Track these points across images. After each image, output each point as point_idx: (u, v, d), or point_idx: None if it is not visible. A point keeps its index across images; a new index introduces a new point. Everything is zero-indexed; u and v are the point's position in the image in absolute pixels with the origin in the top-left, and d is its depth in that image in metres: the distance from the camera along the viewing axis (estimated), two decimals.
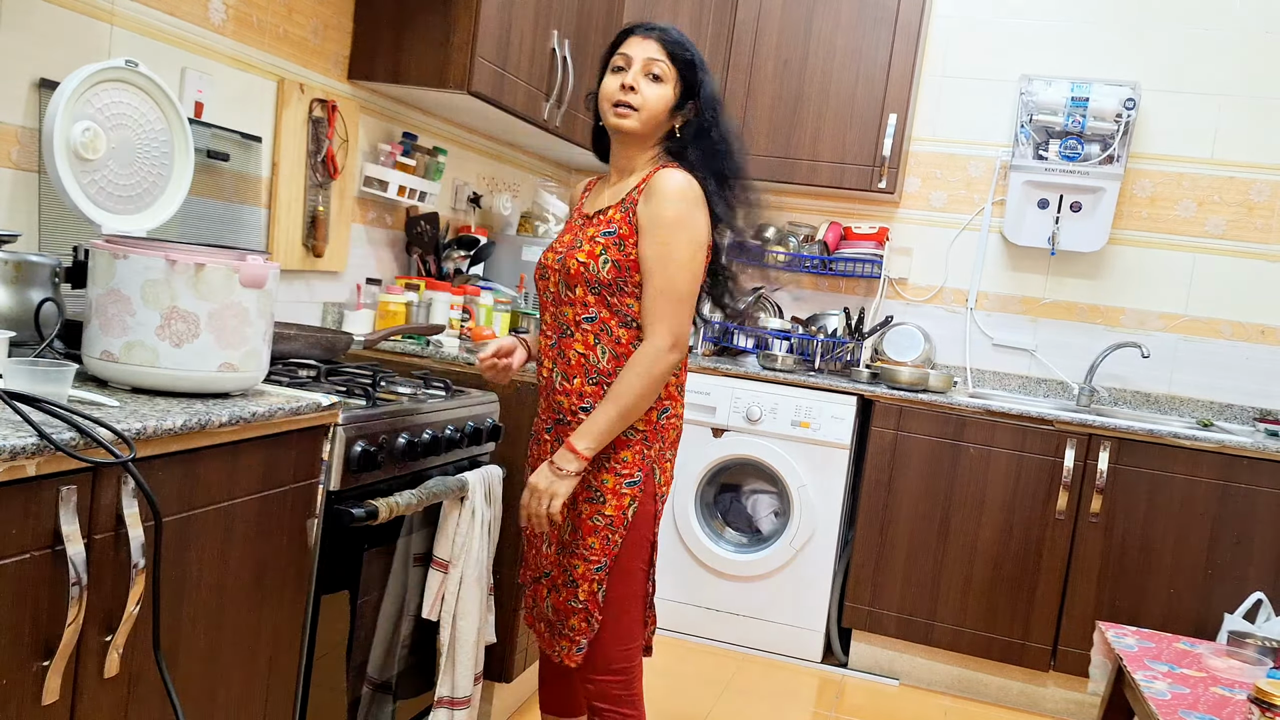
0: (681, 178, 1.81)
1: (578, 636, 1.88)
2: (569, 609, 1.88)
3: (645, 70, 1.82)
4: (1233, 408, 3.61)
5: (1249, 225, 3.60)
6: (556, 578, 1.91)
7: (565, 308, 1.86)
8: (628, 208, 1.83)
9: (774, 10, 3.71)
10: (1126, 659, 2.22)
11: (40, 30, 1.85)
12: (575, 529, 1.87)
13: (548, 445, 1.92)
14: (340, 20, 2.68)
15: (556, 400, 1.89)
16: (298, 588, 1.73)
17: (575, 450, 1.80)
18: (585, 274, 1.82)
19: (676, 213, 1.80)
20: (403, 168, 2.91)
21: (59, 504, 1.19)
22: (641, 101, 1.82)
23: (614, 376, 1.83)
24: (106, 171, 1.76)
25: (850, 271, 3.87)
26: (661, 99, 1.83)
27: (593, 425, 1.80)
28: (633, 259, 1.81)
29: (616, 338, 1.84)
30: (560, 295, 1.87)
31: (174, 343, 1.45)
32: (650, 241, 1.80)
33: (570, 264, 1.83)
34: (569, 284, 1.84)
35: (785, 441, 3.42)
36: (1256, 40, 3.57)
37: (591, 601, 1.86)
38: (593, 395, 1.85)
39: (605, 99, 1.85)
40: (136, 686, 1.38)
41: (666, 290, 1.80)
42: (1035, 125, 3.62)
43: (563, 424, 1.89)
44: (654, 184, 1.81)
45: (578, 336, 1.85)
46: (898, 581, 3.36)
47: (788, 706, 3.07)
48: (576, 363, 1.86)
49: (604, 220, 1.85)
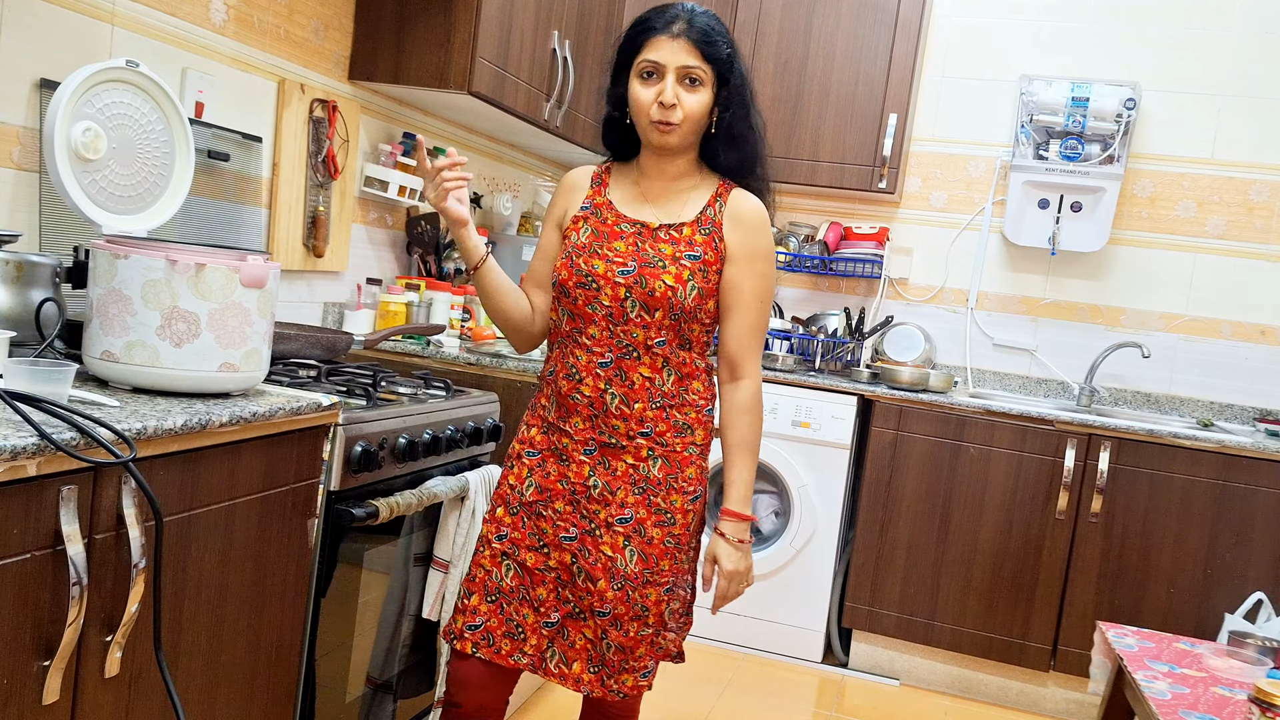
0: (760, 204, 1.78)
1: (645, 662, 1.75)
2: (637, 640, 1.73)
3: (680, 77, 1.68)
4: (1233, 408, 3.61)
5: (1249, 225, 3.60)
6: (623, 614, 1.72)
7: (635, 328, 1.71)
8: (709, 230, 1.73)
9: (774, 10, 3.71)
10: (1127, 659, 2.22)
11: (41, 30, 1.85)
12: (645, 556, 1.72)
13: (584, 467, 1.74)
14: (341, 20, 2.68)
15: (610, 423, 1.73)
16: (298, 588, 1.73)
17: (743, 516, 1.74)
18: (671, 299, 1.69)
19: (770, 246, 1.77)
20: (403, 168, 2.92)
21: (60, 504, 1.20)
22: (683, 116, 1.69)
23: (676, 398, 1.74)
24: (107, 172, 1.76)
25: (850, 271, 3.87)
26: (702, 105, 1.70)
27: (744, 486, 1.74)
28: (713, 285, 1.73)
29: (681, 360, 1.74)
30: (625, 313, 1.71)
31: (174, 343, 1.45)
32: (748, 274, 1.74)
33: (653, 285, 1.69)
34: (648, 306, 1.70)
35: (785, 441, 3.42)
36: (1256, 40, 3.57)
37: (659, 623, 1.75)
38: (654, 419, 1.73)
39: (640, 112, 1.71)
40: (137, 686, 1.38)
41: (761, 326, 1.76)
42: (1035, 125, 3.62)
43: (612, 448, 1.73)
44: (743, 210, 1.75)
45: (645, 360, 1.72)
46: (898, 581, 3.36)
47: (788, 706, 3.08)
48: (641, 386, 1.72)
49: (680, 240, 1.73)
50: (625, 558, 1.71)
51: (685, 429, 1.75)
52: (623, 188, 1.81)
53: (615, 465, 1.73)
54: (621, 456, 1.73)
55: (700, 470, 1.78)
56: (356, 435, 1.80)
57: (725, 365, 1.78)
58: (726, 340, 1.76)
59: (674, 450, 1.74)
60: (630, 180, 1.82)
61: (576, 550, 1.73)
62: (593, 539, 1.72)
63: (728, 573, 1.74)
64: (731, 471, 1.76)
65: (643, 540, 1.72)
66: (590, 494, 1.73)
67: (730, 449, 1.76)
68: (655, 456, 1.73)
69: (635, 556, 1.71)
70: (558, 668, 1.75)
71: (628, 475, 1.73)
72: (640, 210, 1.78)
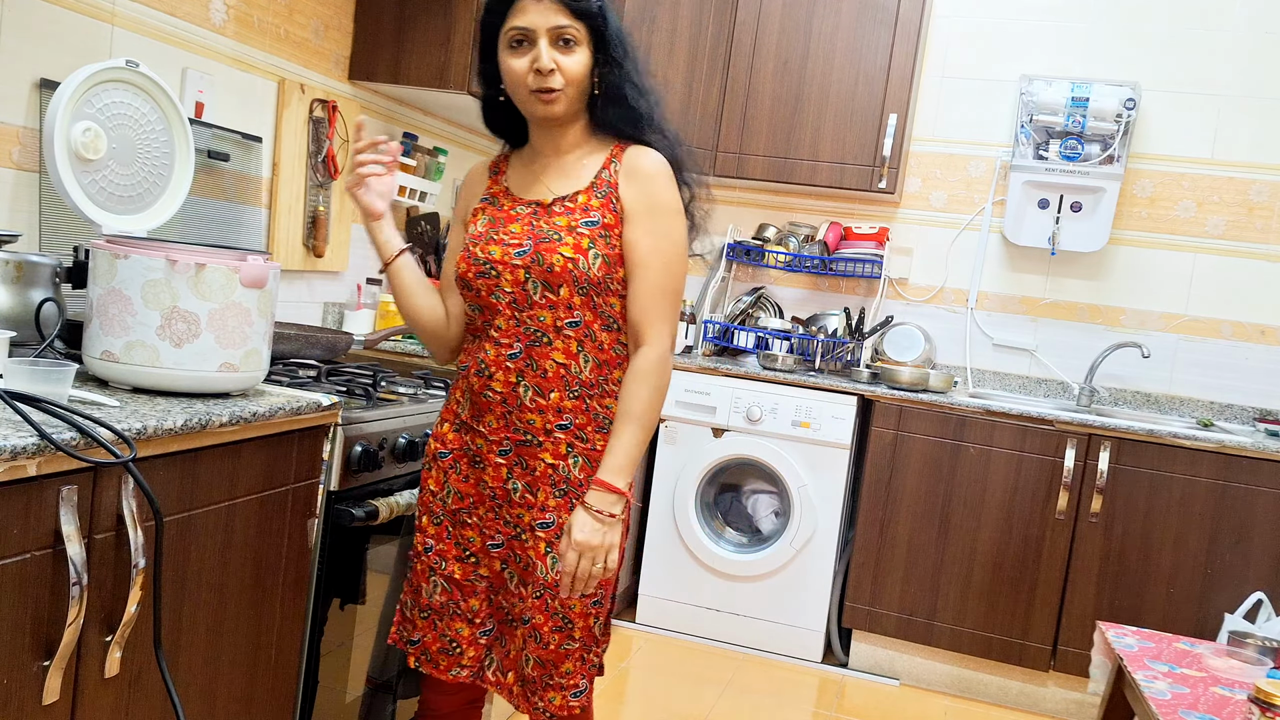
0: (658, 156, 1.63)
1: (574, 679, 1.65)
2: (561, 654, 1.63)
3: (554, 39, 1.57)
4: (1233, 408, 3.61)
5: (1249, 225, 3.60)
6: (541, 624, 1.62)
7: (541, 311, 1.61)
8: (605, 193, 1.62)
9: (774, 10, 3.71)
10: (1126, 659, 2.22)
11: (41, 30, 1.85)
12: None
13: (502, 470, 1.65)
14: (341, 20, 2.68)
15: (525, 419, 1.62)
16: (298, 588, 1.73)
17: (614, 488, 1.57)
18: (574, 271, 1.58)
19: (673, 196, 1.63)
20: (403, 168, 2.92)
21: (59, 504, 1.20)
22: (564, 81, 1.58)
23: (596, 387, 1.63)
24: (107, 172, 1.76)
25: (850, 271, 3.87)
26: (582, 66, 1.59)
27: (623, 455, 1.58)
28: (618, 252, 1.61)
29: (600, 343, 1.63)
30: (529, 297, 1.61)
31: (175, 343, 1.45)
32: (646, 230, 1.60)
33: (551, 260, 1.58)
34: (549, 284, 1.59)
35: (785, 441, 3.42)
36: (1256, 40, 3.57)
37: (588, 637, 1.65)
38: (573, 410, 1.62)
39: (517, 85, 1.60)
40: (137, 686, 1.38)
41: (667, 285, 1.61)
42: (1035, 125, 3.62)
43: (529, 445, 1.63)
44: (638, 164, 1.62)
45: (558, 344, 1.61)
46: (898, 581, 3.36)
47: (788, 706, 3.08)
48: (555, 374, 1.61)
49: (575, 208, 1.62)
50: (546, 565, 1.62)
51: (607, 424, 1.65)
52: (518, 171, 1.72)
53: (533, 465, 1.63)
54: (539, 455, 1.63)
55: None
56: (356, 435, 1.80)
57: (630, 334, 1.64)
58: (629, 306, 1.63)
59: (595, 449, 1.64)
60: (525, 162, 1.72)
61: (506, 556, 1.67)
62: (519, 543, 1.65)
63: (577, 543, 1.56)
64: (612, 439, 1.60)
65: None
66: (511, 498, 1.65)
67: (617, 416, 1.61)
68: (575, 455, 1.63)
69: (557, 564, 1.61)
70: (495, 675, 1.70)
71: (547, 475, 1.63)
72: (534, 189, 1.68)
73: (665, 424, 3.53)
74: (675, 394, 3.50)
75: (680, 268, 1.64)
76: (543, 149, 1.69)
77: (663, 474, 3.55)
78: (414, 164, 2.97)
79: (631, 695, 3.01)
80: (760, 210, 4.08)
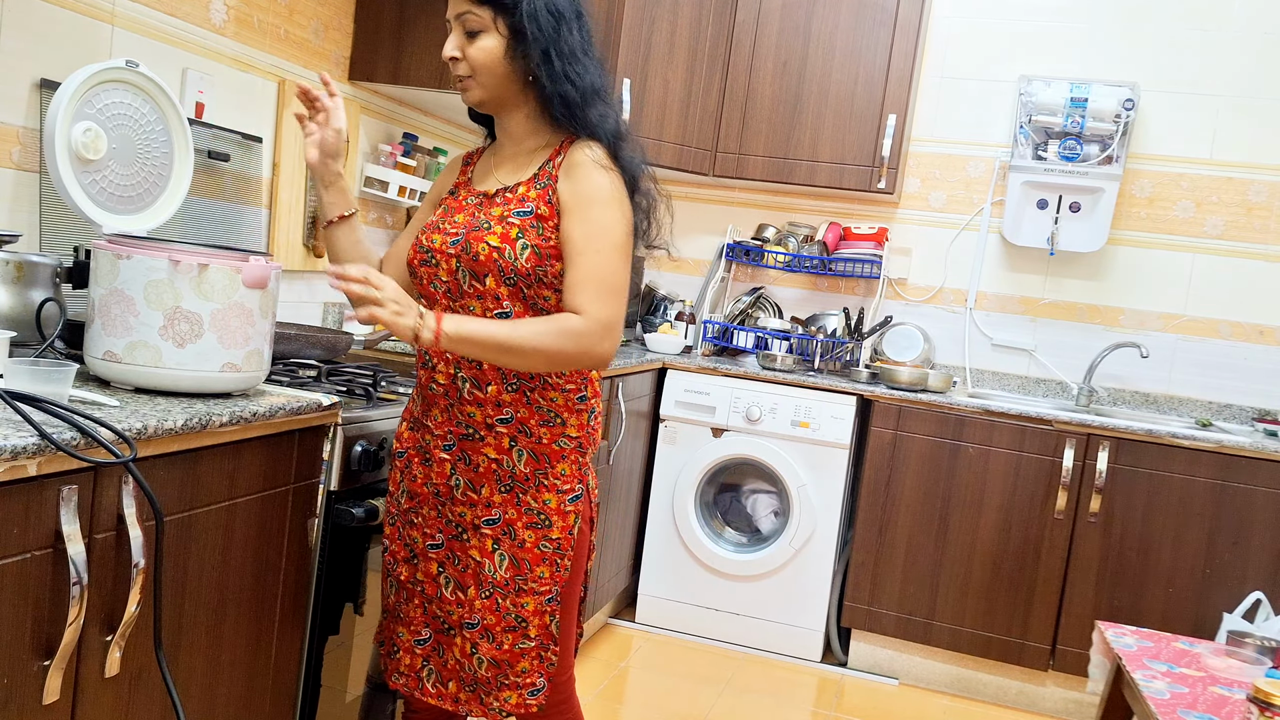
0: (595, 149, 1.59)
1: (530, 678, 1.62)
2: (516, 654, 1.61)
3: (461, 30, 1.56)
4: (1232, 408, 3.62)
5: (1248, 226, 3.60)
6: (493, 624, 1.60)
7: (471, 301, 1.58)
8: (544, 185, 1.58)
9: (774, 10, 3.71)
10: (1125, 658, 2.23)
11: (41, 31, 1.85)
12: (517, 562, 1.60)
13: (446, 465, 1.62)
14: (341, 21, 2.68)
15: (465, 411, 1.60)
16: (298, 587, 1.73)
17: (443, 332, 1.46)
18: (499, 261, 1.54)
19: (606, 188, 1.56)
20: (403, 168, 2.92)
21: (60, 504, 1.20)
22: (470, 69, 1.57)
23: (536, 379, 1.59)
24: (107, 172, 1.76)
25: (850, 271, 3.88)
26: (489, 54, 1.55)
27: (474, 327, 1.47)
28: (553, 245, 1.56)
29: None
30: (460, 286, 1.58)
31: (177, 343, 1.45)
32: (579, 220, 1.55)
33: (477, 249, 1.55)
34: (476, 273, 1.56)
35: (785, 441, 3.42)
36: (1256, 41, 3.57)
37: (545, 636, 1.62)
38: (513, 403, 1.59)
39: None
40: (137, 686, 1.39)
41: (600, 273, 1.53)
42: (1034, 125, 3.62)
43: (471, 440, 1.61)
44: (574, 158, 1.58)
45: None
46: (897, 581, 3.36)
47: (787, 706, 3.08)
48: (490, 366, 1.58)
49: (513, 198, 1.59)
50: (494, 563, 1.59)
51: (553, 417, 1.61)
52: (483, 163, 1.72)
53: (476, 460, 1.60)
54: (482, 450, 1.60)
55: (577, 466, 1.63)
56: (357, 435, 1.80)
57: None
58: (564, 296, 1.55)
59: (540, 442, 1.60)
60: (491, 153, 1.72)
61: (444, 558, 1.64)
62: (460, 544, 1.62)
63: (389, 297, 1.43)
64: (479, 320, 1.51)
65: (513, 544, 1.60)
66: (454, 494, 1.62)
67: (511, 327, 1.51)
68: (520, 449, 1.60)
69: (505, 561, 1.59)
70: (435, 687, 1.66)
71: (491, 471, 1.60)
72: (487, 181, 1.67)
73: (665, 424, 3.53)
74: (675, 394, 3.51)
75: (616, 256, 1.55)
76: (500, 138, 1.70)
77: (662, 474, 3.55)
78: (414, 164, 2.97)
79: (631, 695, 3.02)
80: (760, 210, 4.09)
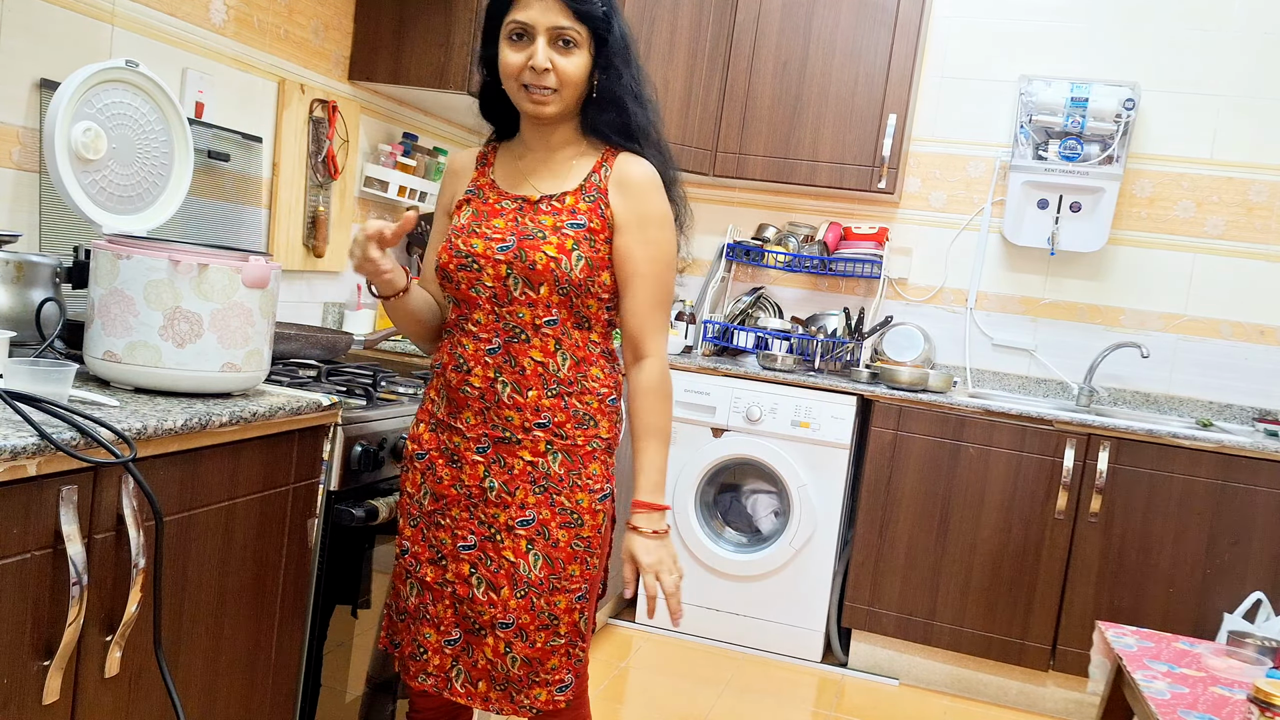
0: (648, 167, 1.63)
1: (559, 675, 1.64)
2: (547, 651, 1.62)
3: (552, 39, 1.55)
4: (1232, 408, 3.62)
5: (1248, 226, 3.60)
6: (528, 623, 1.61)
7: (520, 308, 1.60)
8: (594, 198, 1.61)
9: (774, 10, 3.71)
10: (1126, 658, 2.23)
11: (41, 31, 1.85)
12: (551, 561, 1.61)
13: (479, 467, 1.63)
14: (341, 21, 2.68)
15: (503, 415, 1.61)
16: (298, 587, 1.73)
17: (656, 506, 1.61)
18: (555, 271, 1.57)
19: (664, 210, 1.64)
20: (403, 168, 2.92)
21: (59, 504, 1.20)
22: (559, 81, 1.56)
23: (574, 384, 1.62)
24: (107, 172, 1.76)
25: (850, 271, 3.88)
26: (579, 69, 1.57)
27: (656, 473, 1.61)
28: (603, 256, 1.60)
29: (575, 341, 1.62)
30: (509, 292, 1.60)
31: (177, 343, 1.45)
32: (640, 241, 1.61)
33: (534, 257, 1.57)
34: (530, 281, 1.58)
35: (785, 441, 3.42)
36: (1256, 40, 3.57)
37: (573, 633, 1.64)
38: (551, 408, 1.60)
39: (509, 77, 1.59)
40: (137, 686, 1.39)
41: (662, 298, 1.63)
42: (1035, 125, 3.62)
43: (507, 443, 1.61)
44: (630, 173, 1.62)
45: (535, 342, 1.60)
46: (897, 581, 3.36)
47: (787, 706, 3.08)
48: (533, 371, 1.60)
49: (563, 209, 1.61)
50: (529, 563, 1.60)
51: (587, 420, 1.63)
52: (506, 165, 1.71)
53: (512, 463, 1.61)
54: (518, 452, 1.61)
55: (605, 467, 1.66)
56: (356, 435, 1.80)
57: (628, 345, 1.65)
58: (626, 318, 1.63)
59: (575, 444, 1.62)
60: (514, 156, 1.71)
61: (476, 559, 1.63)
62: (493, 545, 1.62)
63: (649, 565, 1.60)
64: (640, 458, 1.63)
65: (547, 543, 1.61)
66: (487, 496, 1.62)
67: (637, 435, 1.63)
68: (554, 451, 1.61)
69: (540, 561, 1.61)
70: (464, 687, 1.66)
71: (526, 473, 1.61)
72: (521, 185, 1.67)
73: None
74: (675, 394, 3.50)
75: (671, 277, 1.66)
76: (532, 144, 1.68)
77: None
78: (414, 164, 2.97)
79: (631, 695, 3.01)
80: (760, 210, 4.08)
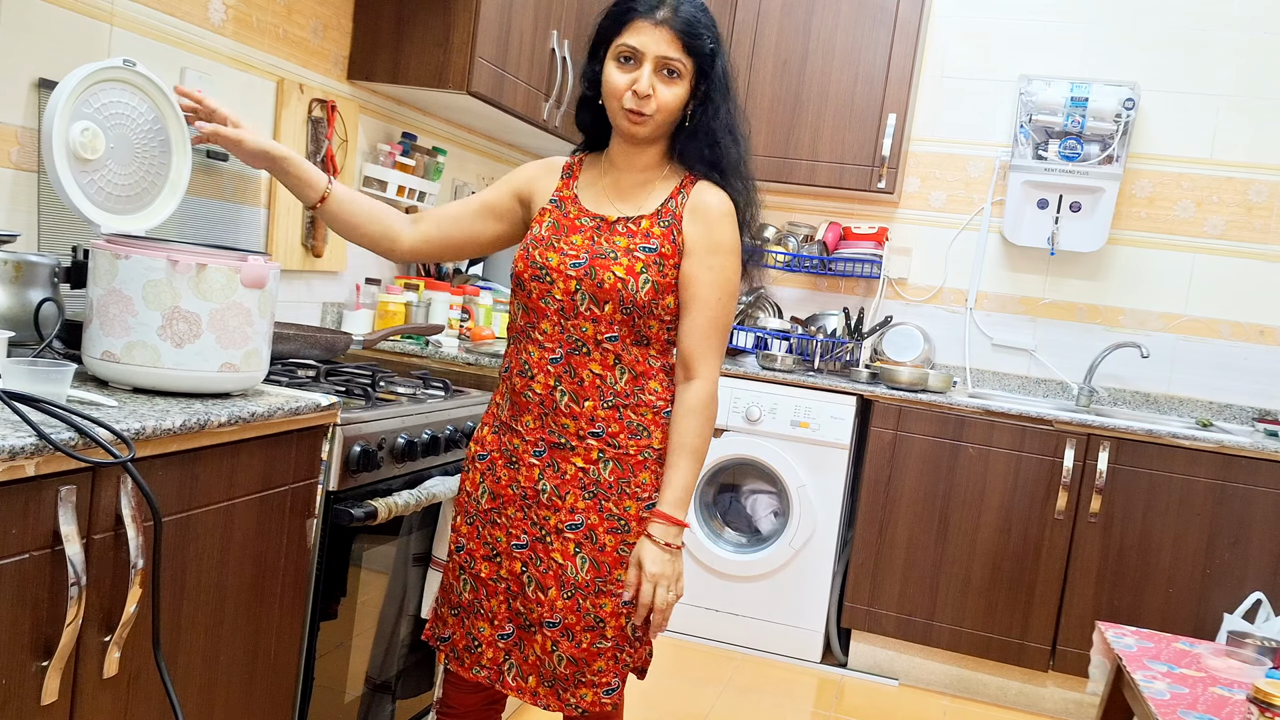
0: (724, 197, 1.69)
1: (606, 678, 1.67)
2: (593, 653, 1.66)
3: (658, 67, 1.61)
4: (1232, 408, 3.61)
5: (1248, 225, 3.60)
6: (574, 624, 1.65)
7: (584, 322, 1.65)
8: (668, 223, 1.66)
9: (774, 10, 3.71)
10: (1126, 659, 2.23)
11: (39, 30, 1.85)
12: (597, 565, 1.65)
13: (534, 470, 1.68)
14: (340, 20, 2.68)
15: (559, 422, 1.67)
16: (297, 588, 1.73)
17: (675, 520, 1.63)
18: (622, 292, 1.62)
19: (735, 239, 1.69)
20: (402, 168, 2.91)
21: (58, 504, 1.19)
22: (656, 107, 1.62)
23: (631, 398, 1.67)
24: (105, 171, 1.76)
25: (850, 271, 3.87)
26: (678, 99, 1.64)
27: (681, 488, 1.64)
28: (670, 281, 1.65)
29: (635, 356, 1.67)
30: (575, 307, 1.65)
31: (176, 343, 1.45)
32: (705, 267, 1.65)
33: (603, 276, 1.62)
34: (597, 299, 1.63)
35: (784, 441, 3.42)
36: (1256, 40, 3.57)
37: (621, 637, 1.67)
38: (605, 419, 1.66)
39: (611, 97, 1.64)
40: (136, 686, 1.38)
41: (720, 324, 1.67)
42: (1035, 125, 3.62)
43: (562, 449, 1.67)
44: (705, 201, 1.67)
45: (595, 356, 1.65)
46: (897, 581, 3.36)
47: (787, 706, 3.08)
48: (591, 383, 1.65)
49: (638, 232, 1.66)
50: (576, 565, 1.65)
51: (641, 431, 1.68)
52: (590, 180, 1.75)
53: (565, 468, 1.67)
54: (571, 458, 1.66)
55: (655, 476, 1.69)
56: (355, 435, 1.80)
57: (680, 364, 1.70)
58: (682, 337, 1.68)
59: (627, 453, 1.67)
60: (599, 172, 1.75)
61: (527, 558, 1.68)
62: (543, 546, 1.67)
63: (652, 575, 1.62)
64: (670, 472, 1.66)
65: (594, 547, 1.65)
66: (540, 499, 1.67)
67: (672, 449, 1.67)
68: (606, 459, 1.66)
69: (587, 564, 1.65)
70: (515, 680, 1.71)
71: (577, 479, 1.66)
72: (602, 204, 1.72)
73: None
74: None
75: (732, 306, 1.71)
76: (618, 162, 1.73)
77: None
78: (413, 164, 2.97)
79: (631, 695, 3.01)
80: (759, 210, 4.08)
